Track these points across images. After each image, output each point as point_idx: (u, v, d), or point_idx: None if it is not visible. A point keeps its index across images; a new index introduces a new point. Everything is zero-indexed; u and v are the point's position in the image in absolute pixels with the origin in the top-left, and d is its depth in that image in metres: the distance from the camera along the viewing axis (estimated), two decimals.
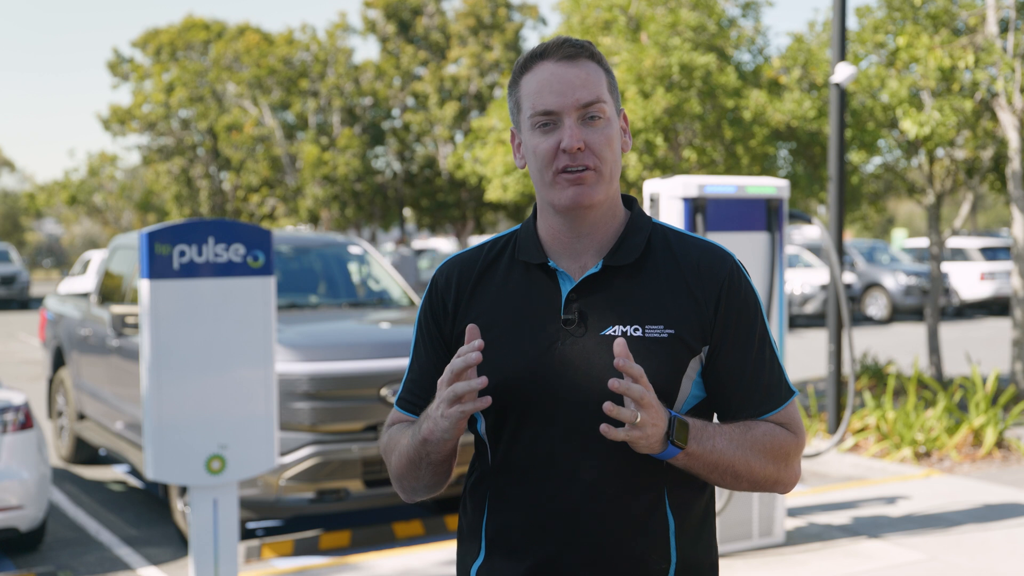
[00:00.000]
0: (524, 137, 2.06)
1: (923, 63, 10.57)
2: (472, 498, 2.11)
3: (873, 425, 9.25)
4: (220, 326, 5.04)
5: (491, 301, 2.07)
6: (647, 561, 2.00)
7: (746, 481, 2.01)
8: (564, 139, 1.98)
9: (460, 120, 29.99)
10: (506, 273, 2.09)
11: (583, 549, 1.99)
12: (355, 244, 8.92)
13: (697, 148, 11.49)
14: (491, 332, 2.02)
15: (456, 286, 2.11)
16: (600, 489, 1.98)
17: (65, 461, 9.53)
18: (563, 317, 2.01)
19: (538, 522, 2.00)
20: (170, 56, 33.79)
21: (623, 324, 1.99)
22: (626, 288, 2.03)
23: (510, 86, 2.09)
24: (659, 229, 2.11)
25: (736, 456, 1.97)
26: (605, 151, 2.00)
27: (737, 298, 2.05)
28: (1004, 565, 6.18)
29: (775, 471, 2.03)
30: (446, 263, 2.17)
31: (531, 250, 2.08)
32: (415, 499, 2.17)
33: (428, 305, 2.14)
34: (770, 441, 2.02)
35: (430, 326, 2.14)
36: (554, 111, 1.99)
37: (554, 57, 2.02)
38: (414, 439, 2.02)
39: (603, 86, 2.03)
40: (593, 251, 2.06)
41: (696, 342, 2.01)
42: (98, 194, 43.01)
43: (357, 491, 6.71)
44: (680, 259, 2.06)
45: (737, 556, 6.32)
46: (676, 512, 2.02)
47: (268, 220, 31.66)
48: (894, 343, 17.83)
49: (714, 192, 6.17)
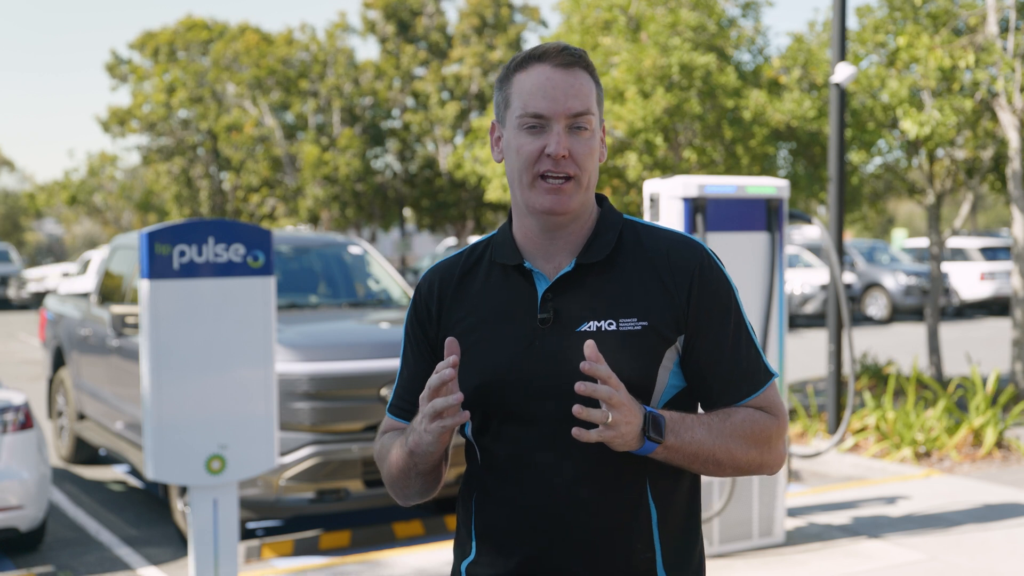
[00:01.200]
0: (508, 134, 2.09)
1: (923, 63, 10.57)
2: (463, 498, 2.16)
3: (873, 425, 9.25)
4: (220, 326, 5.04)
5: (471, 305, 2.12)
6: (632, 552, 2.03)
7: (729, 468, 2.05)
8: (551, 145, 2.02)
9: (461, 120, 30.00)
10: (485, 277, 2.14)
11: (569, 544, 2.02)
12: (355, 244, 8.92)
13: (697, 148, 11.49)
14: (471, 336, 2.08)
15: (438, 292, 2.16)
16: (583, 484, 2.01)
17: (65, 461, 9.53)
18: (539, 316, 2.05)
19: (523, 519, 2.04)
20: (168, 57, 33.78)
21: (597, 319, 2.03)
22: (599, 284, 2.07)
23: (500, 80, 2.11)
24: (629, 224, 2.15)
25: (716, 445, 2.00)
26: (587, 161, 2.05)
27: (709, 286, 2.08)
28: (1004, 565, 6.18)
29: (758, 455, 2.06)
30: (429, 271, 2.22)
31: (507, 252, 2.12)
32: (409, 503, 2.22)
33: (413, 312, 2.20)
34: (751, 426, 2.05)
35: (416, 332, 2.19)
36: (544, 115, 2.03)
37: (552, 62, 2.05)
38: (402, 450, 2.07)
39: (593, 98, 2.07)
40: (567, 251, 2.10)
41: (670, 332, 2.05)
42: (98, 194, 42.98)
43: (357, 491, 6.72)
44: (650, 252, 2.10)
45: (737, 556, 6.32)
46: (658, 502, 2.05)
47: (268, 220, 31.67)
48: (894, 343, 17.83)
49: (714, 192, 6.17)
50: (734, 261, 5.92)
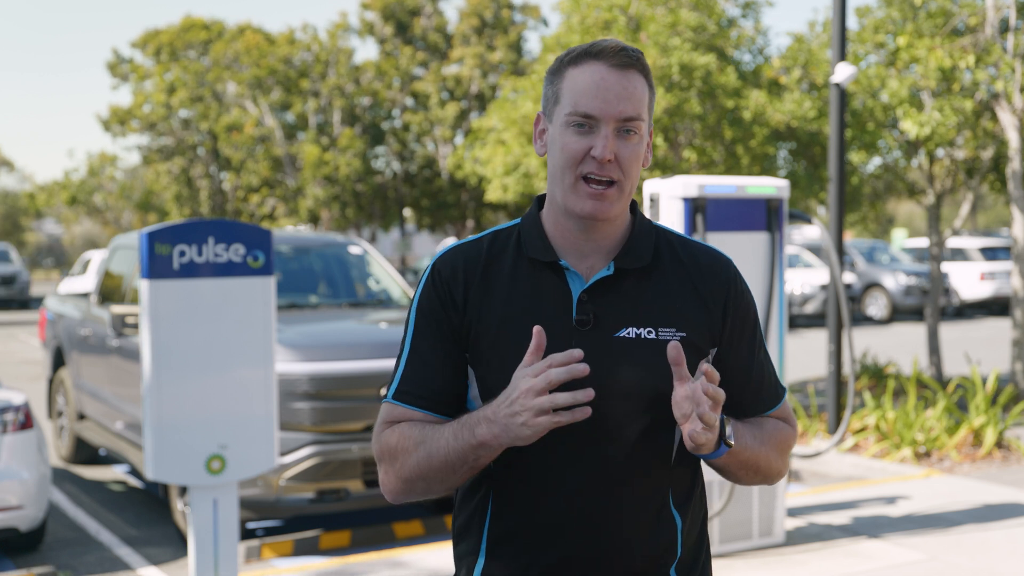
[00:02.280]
0: (554, 130, 2.02)
1: (923, 63, 10.57)
2: (470, 499, 2.07)
3: (873, 425, 9.25)
4: (220, 326, 5.04)
5: (500, 297, 2.01)
6: (657, 560, 2.02)
7: (762, 474, 2.08)
8: (597, 147, 1.95)
9: (461, 120, 30.00)
10: (512, 269, 2.04)
11: (594, 551, 1.98)
12: (355, 244, 8.92)
13: (697, 148, 11.49)
14: (501, 331, 1.99)
15: (464, 277, 2.03)
16: (609, 492, 1.98)
17: (65, 461, 9.53)
18: (577, 318, 1.99)
19: (547, 524, 1.98)
20: (170, 56, 33.78)
21: (637, 326, 1.99)
22: (637, 291, 2.03)
23: (551, 73, 2.04)
24: (662, 233, 2.12)
25: (759, 452, 2.04)
26: (632, 167, 1.99)
27: (742, 302, 2.11)
28: (1004, 565, 6.18)
29: (780, 464, 2.11)
30: (447, 253, 2.08)
31: (539, 247, 2.04)
32: (413, 500, 2.08)
33: (433, 294, 2.04)
34: (778, 436, 2.11)
35: (437, 315, 2.03)
36: (594, 116, 1.96)
37: (608, 61, 1.98)
38: (463, 442, 1.90)
39: (645, 103, 2.01)
40: (602, 252, 2.04)
41: (705, 344, 2.05)
42: (98, 194, 43.01)
43: (357, 491, 6.72)
44: (687, 263, 2.08)
45: (737, 556, 6.32)
46: (680, 510, 2.05)
47: (268, 220, 31.67)
48: (894, 343, 17.82)
49: (714, 192, 6.17)
50: (734, 261, 5.91)
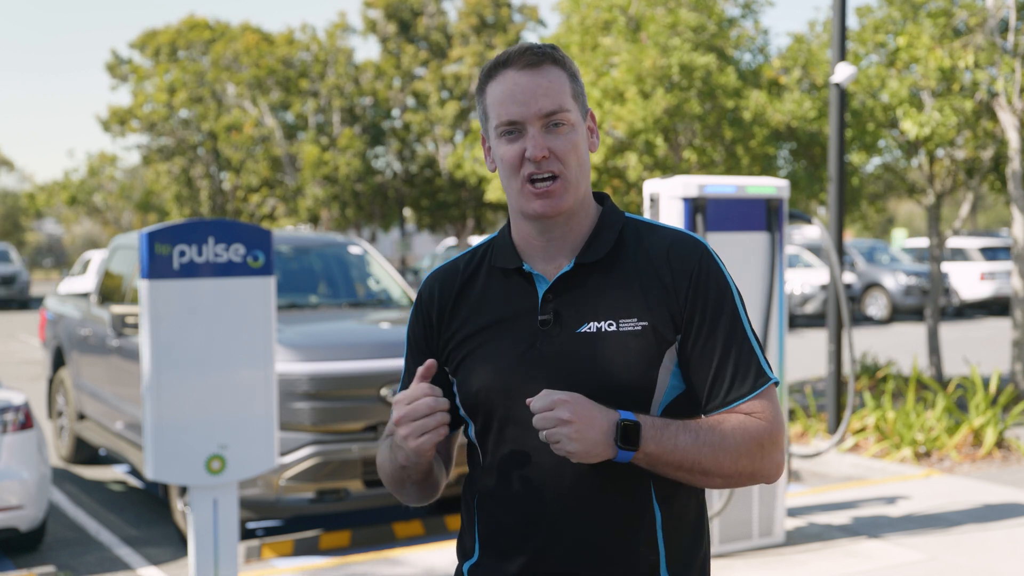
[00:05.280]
0: (492, 144, 2.09)
1: (923, 63, 10.57)
2: (466, 499, 2.17)
3: (873, 425, 9.25)
4: (220, 326, 5.04)
5: (472, 310, 2.12)
6: (636, 554, 2.02)
7: (718, 477, 1.99)
8: (528, 148, 2.01)
9: (461, 120, 29.99)
10: (485, 281, 2.13)
11: (571, 546, 2.01)
12: (355, 244, 8.92)
13: (697, 148, 11.49)
14: (473, 341, 2.09)
15: (439, 299, 2.16)
16: (585, 486, 2.00)
17: (65, 461, 9.53)
18: (540, 318, 2.04)
19: (526, 521, 2.03)
20: (169, 57, 33.77)
21: (598, 320, 2.02)
22: (599, 284, 2.05)
23: (478, 93, 2.11)
24: (631, 223, 2.13)
25: (702, 453, 1.95)
26: (569, 157, 2.03)
27: (707, 285, 2.04)
28: (1004, 565, 6.18)
29: (749, 464, 2.00)
30: (430, 276, 2.22)
31: (506, 256, 2.12)
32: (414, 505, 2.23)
33: (416, 320, 2.20)
34: (741, 434, 1.98)
35: (419, 341, 2.20)
36: (517, 121, 2.02)
37: (517, 65, 2.04)
38: (394, 462, 2.09)
39: (566, 92, 2.05)
40: (567, 251, 2.09)
41: (669, 332, 2.02)
42: (98, 194, 42.99)
43: (357, 491, 6.72)
44: (651, 250, 2.07)
45: (737, 556, 6.32)
46: (663, 504, 2.04)
47: (268, 220, 31.66)
48: (894, 343, 17.82)
49: (714, 192, 6.17)
50: (734, 261, 5.92)
